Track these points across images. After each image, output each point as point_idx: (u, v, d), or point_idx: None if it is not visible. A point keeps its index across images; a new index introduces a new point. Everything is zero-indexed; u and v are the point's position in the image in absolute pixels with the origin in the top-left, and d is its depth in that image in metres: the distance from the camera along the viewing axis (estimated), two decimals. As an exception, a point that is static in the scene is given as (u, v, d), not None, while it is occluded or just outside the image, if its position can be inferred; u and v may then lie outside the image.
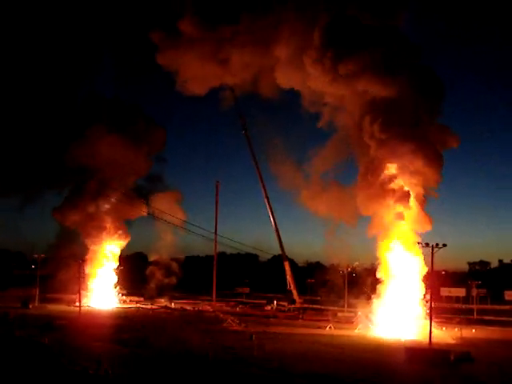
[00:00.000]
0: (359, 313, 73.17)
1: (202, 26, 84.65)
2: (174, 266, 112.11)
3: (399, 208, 69.55)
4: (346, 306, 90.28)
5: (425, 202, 71.81)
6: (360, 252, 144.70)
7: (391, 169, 71.36)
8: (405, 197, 69.70)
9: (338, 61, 70.98)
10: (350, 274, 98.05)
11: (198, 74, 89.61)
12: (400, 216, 69.48)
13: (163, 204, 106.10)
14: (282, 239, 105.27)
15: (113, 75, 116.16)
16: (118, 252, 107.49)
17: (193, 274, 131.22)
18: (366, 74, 70.38)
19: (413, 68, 72.05)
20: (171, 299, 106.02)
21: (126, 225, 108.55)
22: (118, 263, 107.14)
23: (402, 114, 69.94)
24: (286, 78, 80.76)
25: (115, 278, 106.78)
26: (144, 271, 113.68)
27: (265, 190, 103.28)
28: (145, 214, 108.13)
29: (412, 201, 70.27)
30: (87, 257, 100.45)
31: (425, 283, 67.96)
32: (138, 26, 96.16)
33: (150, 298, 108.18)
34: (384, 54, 70.26)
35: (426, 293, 67.73)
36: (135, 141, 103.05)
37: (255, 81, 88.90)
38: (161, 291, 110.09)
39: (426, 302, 66.74)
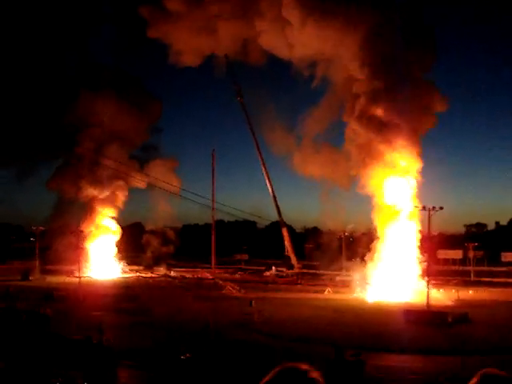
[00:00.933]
0: (355, 276, 73.58)
1: (188, 3, 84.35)
2: (171, 234, 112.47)
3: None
4: (343, 269, 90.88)
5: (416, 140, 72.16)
6: (356, 216, 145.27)
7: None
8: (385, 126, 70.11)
9: (323, 22, 70.99)
10: (348, 238, 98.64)
11: (189, 46, 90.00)
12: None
13: (160, 172, 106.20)
14: (280, 205, 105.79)
15: (107, 46, 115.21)
16: (115, 221, 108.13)
17: (192, 242, 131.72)
18: (355, 34, 70.47)
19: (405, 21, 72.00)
20: (170, 267, 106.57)
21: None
22: (118, 231, 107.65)
23: (393, 66, 70.05)
24: (273, 47, 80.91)
25: (114, 248, 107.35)
26: (141, 241, 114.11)
27: (261, 157, 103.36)
28: (143, 183, 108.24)
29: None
30: (84, 225, 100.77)
31: (421, 246, 68.48)
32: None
33: (149, 267, 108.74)
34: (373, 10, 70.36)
35: (422, 255, 68.26)
36: (132, 110, 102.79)
37: (246, 50, 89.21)
38: (158, 260, 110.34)
39: (421, 263, 67.46)
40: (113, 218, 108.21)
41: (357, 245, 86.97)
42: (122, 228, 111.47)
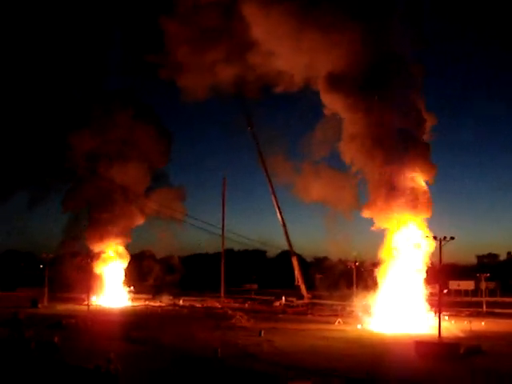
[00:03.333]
0: (361, 306, 72.76)
1: (192, 53, 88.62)
2: (175, 261, 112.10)
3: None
4: (354, 299, 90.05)
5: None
6: (363, 240, 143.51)
7: None
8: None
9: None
10: (358, 268, 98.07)
11: (196, 84, 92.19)
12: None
13: (165, 200, 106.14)
14: (290, 234, 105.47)
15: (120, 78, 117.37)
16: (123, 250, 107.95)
17: (201, 271, 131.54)
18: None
19: None
20: (178, 296, 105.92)
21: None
22: (126, 260, 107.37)
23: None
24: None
25: (123, 276, 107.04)
26: (148, 270, 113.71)
27: (271, 186, 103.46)
28: (151, 213, 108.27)
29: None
30: (95, 253, 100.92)
31: (429, 276, 67.75)
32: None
33: (157, 296, 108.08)
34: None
35: (433, 286, 67.56)
36: (149, 133, 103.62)
37: (250, 85, 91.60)
38: (163, 288, 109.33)
39: (429, 295, 66.81)
40: (122, 243, 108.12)
41: (367, 274, 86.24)
42: (130, 257, 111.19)
